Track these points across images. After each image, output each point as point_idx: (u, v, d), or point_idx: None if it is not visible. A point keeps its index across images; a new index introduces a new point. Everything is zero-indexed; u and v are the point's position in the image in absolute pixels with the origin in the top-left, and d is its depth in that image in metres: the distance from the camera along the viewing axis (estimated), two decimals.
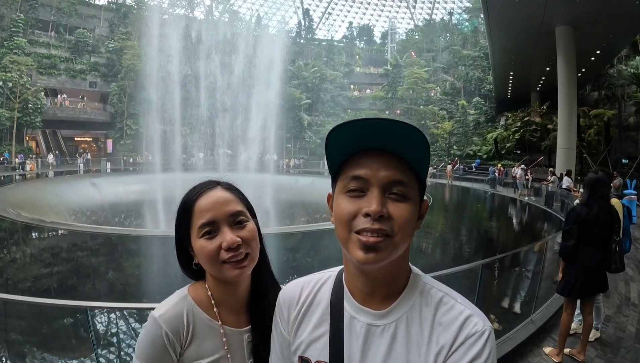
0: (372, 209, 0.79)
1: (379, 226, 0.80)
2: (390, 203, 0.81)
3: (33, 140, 38.47)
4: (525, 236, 13.95)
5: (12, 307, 4.99)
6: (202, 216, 1.06)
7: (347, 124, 0.81)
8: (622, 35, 22.13)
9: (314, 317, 0.94)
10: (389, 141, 0.81)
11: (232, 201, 1.09)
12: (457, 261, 10.56)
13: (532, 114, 33.80)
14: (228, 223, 1.06)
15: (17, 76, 32.95)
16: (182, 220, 1.10)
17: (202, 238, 1.05)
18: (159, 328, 1.02)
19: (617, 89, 31.80)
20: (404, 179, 0.82)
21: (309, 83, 50.10)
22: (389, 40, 68.10)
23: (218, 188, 1.12)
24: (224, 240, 1.04)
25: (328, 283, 0.97)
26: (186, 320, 1.06)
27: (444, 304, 0.86)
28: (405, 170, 0.83)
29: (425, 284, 0.90)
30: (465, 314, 0.83)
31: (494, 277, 6.02)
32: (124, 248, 11.77)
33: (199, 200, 1.08)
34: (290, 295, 1.00)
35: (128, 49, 39.30)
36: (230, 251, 1.03)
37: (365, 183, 0.82)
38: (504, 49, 26.54)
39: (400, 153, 0.82)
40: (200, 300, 1.11)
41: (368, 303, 0.89)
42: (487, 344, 0.80)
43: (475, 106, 43.08)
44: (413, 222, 0.84)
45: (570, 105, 22.43)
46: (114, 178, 27.64)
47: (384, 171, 0.82)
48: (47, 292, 7.54)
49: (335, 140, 0.83)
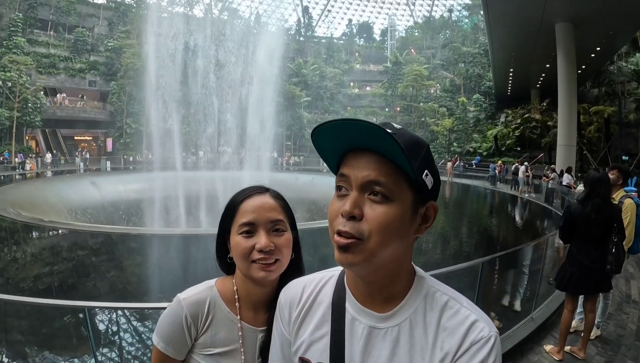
0: (344, 210, 0.79)
1: (347, 229, 0.78)
2: (368, 204, 0.79)
3: (33, 139, 38.47)
4: (526, 233, 13.96)
5: (12, 307, 5.00)
6: (245, 215, 1.15)
7: (321, 126, 0.80)
8: (622, 32, 22.10)
9: (315, 318, 0.93)
10: (365, 140, 0.79)
11: (275, 209, 1.17)
12: (457, 258, 10.55)
13: (532, 111, 33.80)
14: (266, 228, 1.14)
15: (16, 76, 32.88)
16: (227, 216, 1.20)
17: (240, 235, 1.14)
18: (181, 309, 1.13)
19: (617, 86, 31.80)
20: (381, 179, 0.79)
21: (309, 81, 50.05)
22: (389, 37, 68.06)
23: (267, 194, 1.20)
24: (258, 242, 1.12)
25: (330, 283, 0.96)
26: (207, 307, 1.16)
27: (449, 308, 0.84)
28: (387, 170, 0.79)
29: (430, 287, 0.88)
30: (471, 319, 0.81)
31: (495, 275, 6.02)
32: (124, 246, 11.77)
33: (246, 201, 1.17)
34: (291, 294, 0.99)
35: (127, 47, 39.21)
36: (261, 253, 1.11)
37: (348, 181, 0.81)
38: (504, 46, 26.50)
39: (380, 151, 0.79)
40: (225, 293, 1.20)
41: (370, 304, 0.87)
42: (493, 351, 0.78)
43: (475, 103, 43.06)
44: (395, 226, 0.79)
45: (571, 102, 22.41)
46: (114, 177, 27.63)
47: (363, 170, 0.80)
48: (48, 291, 7.55)
49: (317, 141, 0.83)
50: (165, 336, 1.12)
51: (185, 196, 19.90)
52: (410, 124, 46.87)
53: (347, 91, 55.32)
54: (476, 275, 4.33)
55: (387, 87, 52.23)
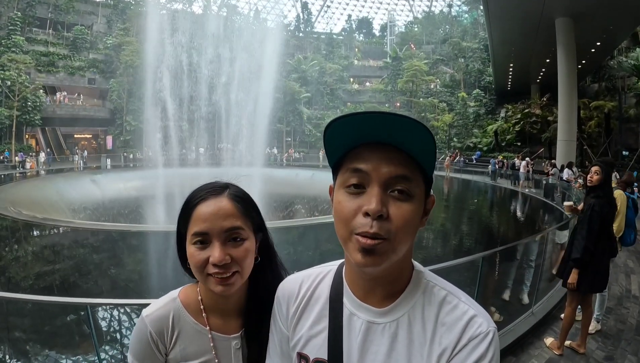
0: (372, 208, 0.75)
1: (376, 231, 0.75)
2: (392, 202, 0.77)
3: (33, 138, 38.41)
4: (526, 228, 13.97)
5: (14, 305, 5.02)
6: (198, 224, 1.02)
7: (347, 117, 0.77)
8: (622, 27, 22.02)
9: (313, 313, 0.92)
10: (393, 135, 0.76)
11: (232, 215, 1.04)
12: (458, 253, 10.59)
13: (533, 106, 33.74)
14: (221, 238, 1.02)
15: (15, 74, 32.81)
16: (181, 219, 1.08)
17: (193, 246, 1.03)
18: (145, 327, 1.06)
19: (617, 81, 31.71)
20: (407, 175, 0.78)
21: (308, 77, 49.96)
22: (388, 32, 67.83)
23: (224, 195, 1.06)
24: (212, 255, 1.00)
25: (328, 278, 0.95)
26: (172, 322, 1.08)
27: (448, 303, 0.83)
28: (409, 165, 0.79)
29: (428, 282, 0.87)
30: (470, 314, 0.81)
31: (495, 269, 6.03)
32: (125, 244, 11.80)
33: (200, 206, 1.04)
34: (289, 289, 0.98)
35: (126, 45, 39.09)
36: (216, 267, 1.00)
37: (366, 177, 0.78)
38: (504, 41, 26.44)
39: (405, 147, 0.78)
40: (189, 303, 1.11)
41: (369, 300, 0.86)
42: (492, 346, 0.78)
43: (475, 98, 42.98)
44: (415, 223, 0.80)
45: (571, 97, 22.37)
46: (114, 175, 27.68)
47: (386, 166, 0.78)
48: (49, 290, 7.57)
49: (333, 133, 0.79)
50: (137, 354, 1.06)
51: (185, 193, 19.90)
52: None
53: (347, 87, 55.19)
54: (476, 269, 4.34)
55: (387, 83, 52.11)
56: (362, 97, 54.40)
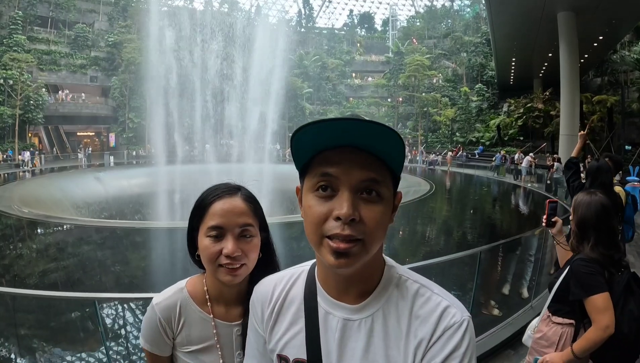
0: (343, 213, 0.75)
1: (349, 232, 0.76)
2: (363, 205, 0.78)
3: (36, 136, 38.60)
4: (527, 222, 13.97)
5: (20, 302, 5.09)
6: (214, 218, 1.14)
7: (314, 125, 0.75)
8: (624, 21, 21.93)
9: (289, 315, 0.93)
10: (361, 139, 0.76)
11: (245, 214, 1.16)
12: (456, 247, 10.58)
13: (535, 101, 33.66)
14: (234, 233, 1.14)
15: (17, 73, 32.97)
16: (195, 214, 1.19)
17: (208, 238, 1.14)
18: (155, 314, 1.19)
19: (620, 75, 31.59)
20: (377, 178, 0.78)
21: (310, 72, 50.01)
22: (390, 27, 67.62)
23: (238, 195, 1.18)
24: (225, 247, 1.12)
25: (301, 279, 0.95)
26: (179, 310, 1.20)
27: (421, 296, 0.84)
28: (378, 168, 0.79)
29: (400, 276, 0.88)
30: (443, 305, 0.82)
31: (494, 264, 6.07)
32: (129, 240, 11.89)
33: (216, 203, 1.16)
34: (263, 292, 0.98)
35: (128, 42, 39.17)
36: (228, 258, 1.11)
37: (336, 181, 0.78)
38: (506, 35, 26.33)
39: (374, 150, 0.78)
40: (196, 293, 1.23)
41: (343, 298, 0.87)
42: (466, 334, 0.79)
43: (478, 93, 42.84)
44: (385, 222, 0.81)
45: (573, 91, 22.29)
46: (118, 172, 27.78)
47: (356, 169, 0.77)
48: (54, 287, 7.64)
49: (300, 140, 0.79)
50: (147, 338, 1.19)
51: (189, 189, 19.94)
52: (413, 114, 46.75)
53: (348, 82, 55.19)
54: (475, 263, 4.38)
55: (389, 78, 51.98)
56: (364, 92, 54.33)
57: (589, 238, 2.25)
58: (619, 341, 2.06)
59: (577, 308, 2.22)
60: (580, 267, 2.17)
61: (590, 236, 2.24)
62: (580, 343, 2.12)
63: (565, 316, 2.31)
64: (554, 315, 2.35)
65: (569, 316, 2.30)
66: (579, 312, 2.22)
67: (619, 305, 2.10)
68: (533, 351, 2.42)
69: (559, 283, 2.32)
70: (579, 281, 2.16)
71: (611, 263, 2.17)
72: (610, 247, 2.20)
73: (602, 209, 2.24)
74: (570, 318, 2.29)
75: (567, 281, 2.25)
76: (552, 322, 2.35)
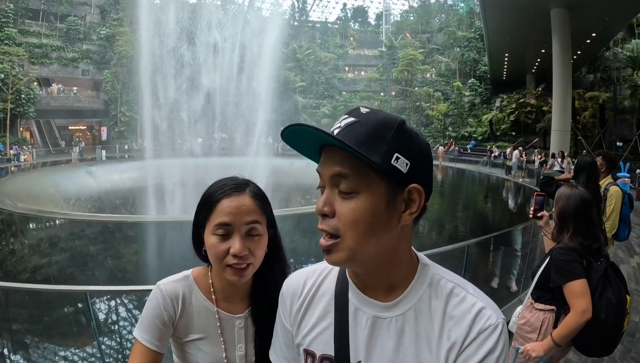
0: (316, 207, 0.80)
1: (321, 227, 0.79)
2: (339, 200, 0.78)
3: (27, 131, 38.19)
4: (516, 216, 14.10)
5: (13, 297, 5.09)
6: (221, 216, 1.12)
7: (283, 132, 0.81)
8: (617, 18, 22.01)
9: (318, 309, 0.92)
10: (322, 140, 0.80)
11: (253, 212, 1.14)
12: (447, 241, 10.67)
13: (528, 96, 33.83)
14: (242, 232, 1.12)
15: (8, 67, 32.49)
16: (202, 211, 1.18)
17: (215, 236, 1.12)
18: (160, 293, 1.18)
19: (612, 72, 31.78)
20: (344, 172, 0.77)
21: (303, 66, 49.86)
22: (384, 21, 67.42)
23: (246, 192, 1.16)
24: (233, 246, 1.10)
25: (332, 274, 0.94)
26: (182, 296, 1.19)
27: (455, 296, 0.82)
28: (350, 163, 0.77)
29: (434, 274, 0.85)
30: (478, 306, 0.80)
31: (483, 257, 6.15)
32: (121, 235, 11.88)
33: (224, 200, 1.13)
34: (293, 286, 0.98)
35: (120, 35, 38.76)
36: (235, 257, 1.10)
37: (322, 179, 0.82)
38: (499, 31, 26.40)
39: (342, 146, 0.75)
40: (201, 284, 1.23)
41: (372, 294, 0.85)
42: (501, 338, 0.77)
43: (471, 88, 42.95)
44: (366, 219, 0.76)
45: (565, 87, 22.43)
46: (110, 166, 27.62)
47: (330, 166, 0.79)
48: (47, 281, 7.64)
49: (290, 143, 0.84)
50: (146, 325, 1.15)
51: (181, 183, 19.90)
52: (405, 109, 46.77)
53: (342, 76, 55.02)
54: (463, 256, 4.44)
55: (382, 72, 51.95)
56: (357, 86, 54.24)
57: (568, 228, 2.37)
58: (598, 327, 2.17)
59: (558, 294, 2.33)
60: (559, 255, 2.30)
61: (570, 227, 2.36)
62: (560, 330, 2.23)
63: (546, 303, 2.40)
64: (537, 301, 2.45)
65: (551, 302, 2.39)
66: (560, 299, 2.33)
67: (597, 292, 2.21)
68: (518, 336, 2.51)
69: (541, 271, 2.43)
70: (558, 269, 2.29)
71: (589, 252, 2.29)
72: (588, 237, 2.31)
73: (581, 202, 2.35)
74: (551, 305, 2.39)
75: (548, 270, 2.37)
76: (535, 308, 2.45)
